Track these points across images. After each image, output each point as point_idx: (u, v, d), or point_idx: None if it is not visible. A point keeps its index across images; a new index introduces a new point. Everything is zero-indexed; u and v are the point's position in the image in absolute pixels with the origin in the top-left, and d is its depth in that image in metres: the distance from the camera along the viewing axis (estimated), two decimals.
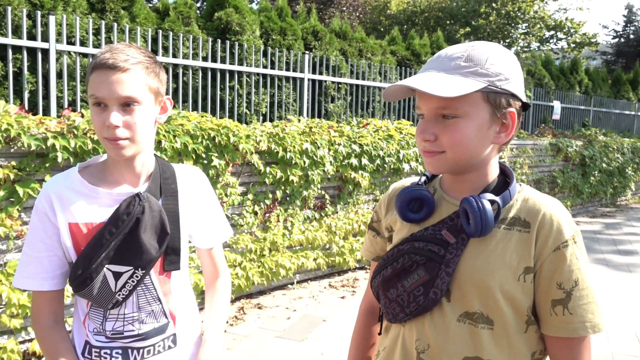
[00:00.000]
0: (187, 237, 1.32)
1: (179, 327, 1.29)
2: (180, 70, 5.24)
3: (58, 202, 1.17)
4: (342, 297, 4.42)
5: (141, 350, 1.23)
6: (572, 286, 0.98)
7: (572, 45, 19.82)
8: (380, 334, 1.21)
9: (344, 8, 15.90)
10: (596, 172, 9.20)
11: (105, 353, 1.21)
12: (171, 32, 5.26)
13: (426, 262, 1.04)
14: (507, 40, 18.34)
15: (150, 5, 12.10)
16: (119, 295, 1.18)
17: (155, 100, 1.19)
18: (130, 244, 1.17)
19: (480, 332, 1.00)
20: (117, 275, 1.17)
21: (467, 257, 1.02)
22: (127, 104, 1.12)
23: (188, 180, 1.31)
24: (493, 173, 1.07)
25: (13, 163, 2.91)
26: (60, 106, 4.44)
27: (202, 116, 4.01)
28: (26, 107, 4.29)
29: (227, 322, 3.79)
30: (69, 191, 1.18)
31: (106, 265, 1.16)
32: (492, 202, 1.00)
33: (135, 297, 1.21)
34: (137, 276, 1.18)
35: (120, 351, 1.22)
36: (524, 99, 1.05)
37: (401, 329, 1.10)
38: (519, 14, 17.24)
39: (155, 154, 1.29)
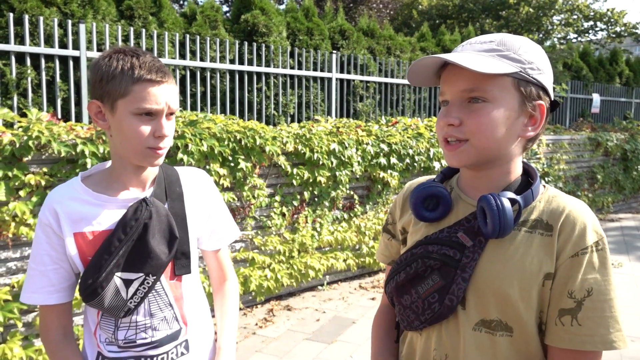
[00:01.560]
0: (196, 239, 1.30)
1: (192, 333, 1.27)
2: (208, 74, 5.28)
3: (62, 212, 1.15)
4: (372, 299, 4.37)
5: (154, 358, 1.21)
6: (584, 296, 0.90)
7: (613, 35, 19.12)
8: (397, 341, 1.16)
9: (374, 5, 15.79)
10: (639, 167, 8.83)
11: None
12: (198, 36, 5.31)
13: (441, 266, 0.98)
14: (542, 31, 17.84)
15: (178, 10, 12.30)
16: (131, 303, 1.16)
17: None
18: (140, 250, 1.16)
19: (499, 340, 0.94)
20: (127, 283, 1.16)
21: (485, 261, 0.95)
22: (171, 114, 1.16)
23: (192, 182, 1.30)
24: (516, 172, 1.00)
25: (44, 169, 2.98)
26: None
27: (229, 119, 4.02)
28: (59, 115, 4.40)
29: (257, 325, 3.79)
30: (72, 201, 1.17)
31: (116, 273, 1.15)
32: (512, 201, 0.93)
33: (147, 304, 1.19)
34: (148, 283, 1.17)
35: None
36: (553, 97, 0.99)
37: (418, 338, 1.05)
38: (551, 4, 16.73)
39: None
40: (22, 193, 2.88)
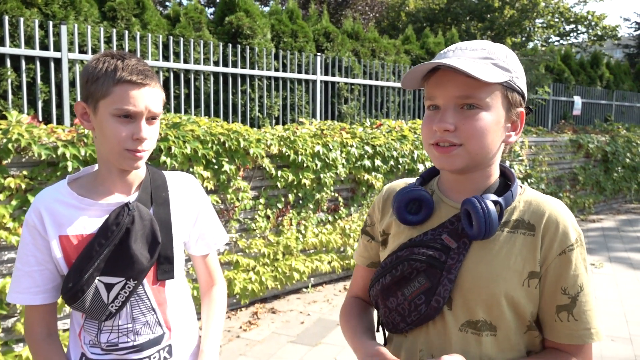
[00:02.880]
0: (181, 245, 1.30)
1: (175, 338, 1.27)
2: (192, 76, 5.26)
3: (47, 215, 1.16)
4: None
5: None
6: (577, 291, 0.95)
7: (593, 38, 19.43)
8: (385, 344, 1.17)
9: (359, 7, 15.83)
10: (619, 168, 8.98)
11: None
12: (182, 38, 5.29)
13: (427, 268, 1.00)
14: (525, 34, 18.07)
15: (162, 12, 12.24)
16: (112, 306, 1.16)
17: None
18: (121, 255, 1.16)
19: (484, 340, 0.97)
20: (108, 287, 1.16)
21: (470, 262, 0.98)
22: (152, 118, 1.16)
23: (180, 187, 1.29)
24: (495, 174, 1.04)
25: (25, 172, 2.94)
26: (73, 115, 4.49)
27: (213, 121, 4.00)
28: (40, 117, 4.35)
29: (241, 328, 3.78)
30: (58, 204, 1.17)
31: (97, 277, 1.15)
32: (495, 203, 0.96)
33: (129, 308, 1.19)
34: (129, 287, 1.17)
35: None
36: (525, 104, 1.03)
37: (403, 340, 1.06)
38: (533, 7, 16.96)
39: (146, 162, 1.27)
40: (1, 196, 2.84)
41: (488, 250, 0.97)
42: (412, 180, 1.17)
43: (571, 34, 19.61)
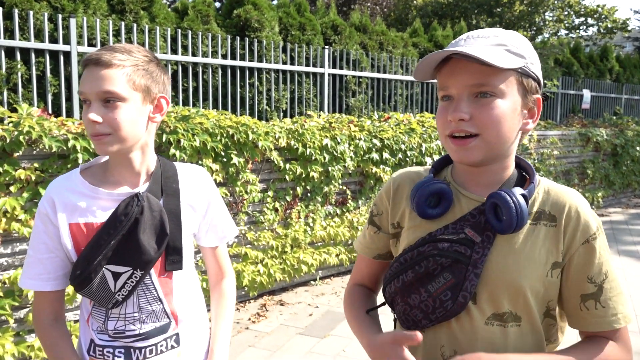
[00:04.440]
0: (191, 236, 1.30)
1: (182, 327, 1.28)
2: (200, 69, 5.26)
3: (59, 203, 1.17)
4: None
5: (143, 350, 1.23)
6: (602, 279, 0.96)
7: (603, 31, 19.24)
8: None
9: (368, 4, 15.75)
10: (628, 162, 8.91)
11: (108, 352, 1.22)
12: (190, 31, 5.29)
13: (452, 264, 0.97)
14: (534, 28, 17.92)
15: (170, 5, 12.23)
16: (119, 295, 1.18)
17: (144, 98, 1.16)
18: (129, 245, 1.17)
19: (510, 331, 0.97)
20: (116, 276, 1.17)
21: (495, 256, 0.96)
22: (107, 100, 1.10)
23: (190, 179, 1.29)
24: (512, 165, 1.02)
25: (35, 165, 2.96)
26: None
27: (221, 114, 4.01)
28: (50, 110, 4.37)
29: (249, 320, 3.80)
30: (70, 192, 1.18)
31: (105, 266, 1.17)
32: (523, 196, 0.95)
33: (135, 297, 1.21)
34: (136, 277, 1.18)
35: (122, 350, 1.22)
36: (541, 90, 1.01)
37: (423, 336, 1.02)
38: (542, 1, 16.81)
39: (157, 154, 1.28)
40: (12, 189, 2.86)
41: (513, 243, 0.96)
42: (420, 169, 1.14)
43: (580, 27, 19.42)
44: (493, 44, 0.94)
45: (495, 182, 1.00)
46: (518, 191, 0.94)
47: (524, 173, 1.04)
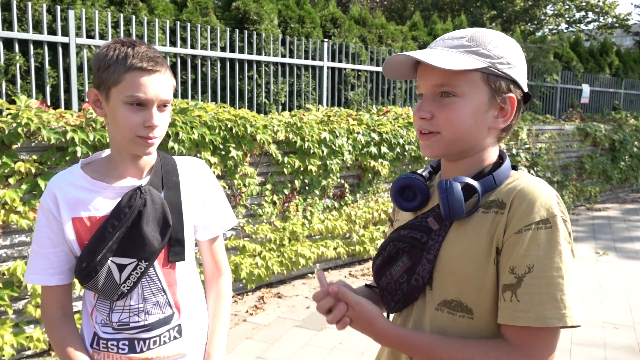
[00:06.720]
0: (192, 228, 1.32)
1: (185, 318, 1.30)
2: (199, 61, 5.25)
3: (61, 198, 1.19)
4: None
5: (147, 341, 1.24)
6: (524, 272, 0.90)
7: (604, 26, 19.20)
8: None
9: None
10: (626, 157, 8.93)
11: (112, 344, 1.24)
12: (189, 23, 5.27)
13: (410, 249, 1.04)
14: (535, 23, 17.87)
15: None
16: (124, 287, 1.20)
17: None
18: (133, 237, 1.19)
19: (459, 321, 0.97)
20: (121, 268, 1.19)
21: (447, 242, 1.00)
22: (163, 105, 1.17)
23: (190, 171, 1.32)
24: (490, 160, 1.03)
25: (34, 157, 2.97)
26: (81, 99, 4.51)
27: (220, 107, 4.01)
28: (48, 102, 4.37)
29: (247, 312, 3.83)
30: (72, 187, 1.20)
31: (110, 258, 1.18)
32: (469, 185, 0.98)
33: (140, 289, 1.23)
34: (140, 268, 1.20)
35: (126, 342, 1.24)
36: (526, 89, 1.02)
37: (397, 319, 1.11)
38: None
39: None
40: (11, 180, 2.87)
41: (463, 231, 0.99)
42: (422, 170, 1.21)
43: (581, 22, 19.37)
44: (456, 46, 0.98)
45: (469, 176, 1.03)
46: (461, 179, 0.98)
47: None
